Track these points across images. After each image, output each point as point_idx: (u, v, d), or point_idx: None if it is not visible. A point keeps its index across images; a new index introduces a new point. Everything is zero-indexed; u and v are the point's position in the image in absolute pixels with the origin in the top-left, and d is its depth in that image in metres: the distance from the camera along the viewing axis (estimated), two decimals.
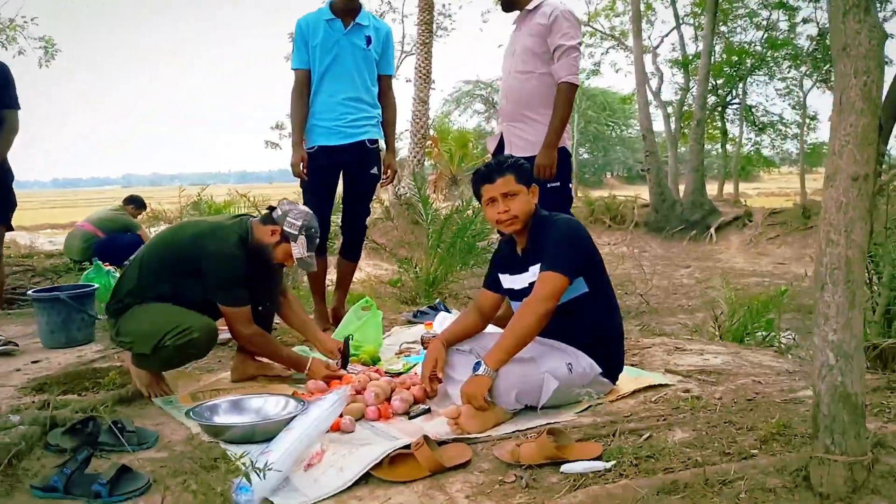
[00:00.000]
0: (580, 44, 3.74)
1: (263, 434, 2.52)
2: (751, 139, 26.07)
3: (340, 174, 4.13)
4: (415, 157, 14.00)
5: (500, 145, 3.86)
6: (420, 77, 14.09)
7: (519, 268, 2.86)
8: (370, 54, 4.03)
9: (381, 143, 4.21)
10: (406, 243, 8.23)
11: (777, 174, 31.98)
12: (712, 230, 17.20)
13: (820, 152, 26.87)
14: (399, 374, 3.26)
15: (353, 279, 4.70)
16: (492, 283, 3.03)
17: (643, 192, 19.20)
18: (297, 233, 3.08)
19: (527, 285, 2.79)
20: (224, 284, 2.99)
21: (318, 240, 3.18)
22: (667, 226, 17.41)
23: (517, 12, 3.85)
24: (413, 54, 23.10)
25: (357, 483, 2.19)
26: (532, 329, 2.59)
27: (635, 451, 2.22)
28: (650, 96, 21.11)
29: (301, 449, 2.29)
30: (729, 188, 24.41)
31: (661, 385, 2.93)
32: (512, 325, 2.62)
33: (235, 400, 2.78)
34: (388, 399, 2.84)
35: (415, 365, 3.37)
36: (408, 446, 2.29)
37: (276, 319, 3.57)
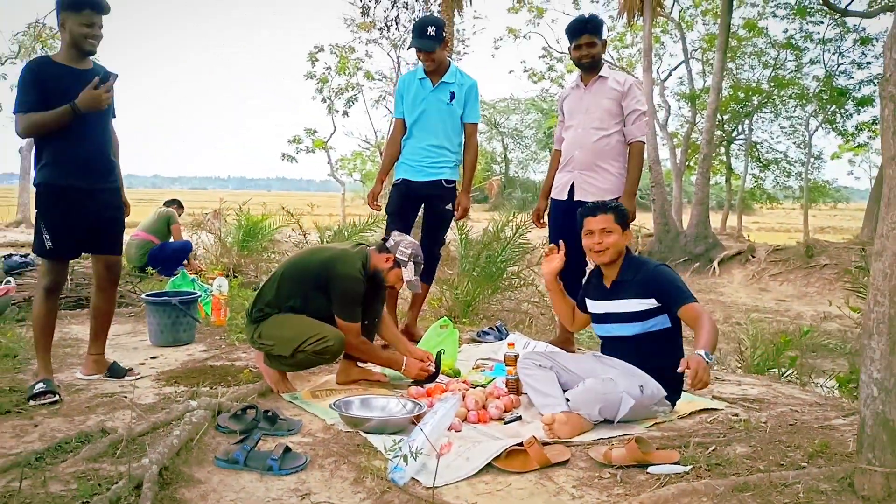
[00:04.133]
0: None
1: (394, 427, 3.09)
2: (754, 174, 26.87)
3: (421, 206, 4.77)
4: None
5: (570, 191, 4.46)
6: None
7: (604, 295, 3.47)
8: (454, 108, 4.70)
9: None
10: (440, 266, 8.81)
11: (774, 209, 32.83)
12: (715, 263, 17.66)
13: (822, 190, 27.68)
14: (483, 385, 3.83)
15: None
16: (581, 304, 3.70)
17: (645, 221, 19.72)
18: (407, 259, 3.68)
19: (610, 311, 3.42)
20: (346, 302, 3.57)
21: (422, 266, 3.77)
22: (670, 256, 17.86)
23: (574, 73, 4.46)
24: None
25: (480, 471, 2.76)
26: (716, 326, 3.17)
27: (706, 459, 2.80)
28: (657, 128, 21.92)
29: (435, 440, 2.86)
30: (731, 222, 25.12)
31: (712, 409, 3.52)
32: (707, 324, 3.12)
33: (364, 398, 3.35)
34: (485, 406, 3.40)
35: (493, 379, 3.93)
36: (520, 444, 2.86)
37: None
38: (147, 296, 4.73)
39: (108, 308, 3.86)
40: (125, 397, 3.49)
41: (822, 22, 21.51)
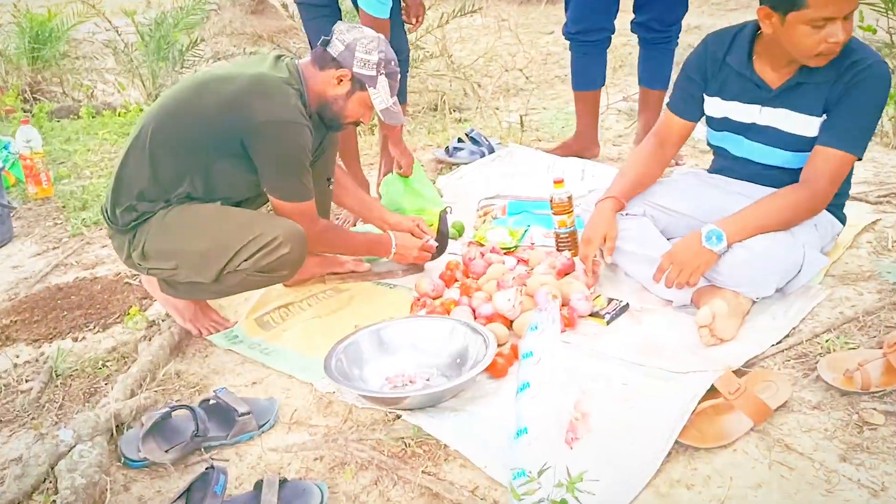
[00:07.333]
0: None
1: (452, 393, 1.74)
2: None
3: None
4: None
5: None
6: None
7: (760, 98, 2.02)
8: None
9: None
10: None
11: None
12: None
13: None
14: (514, 246, 2.48)
15: None
16: (686, 104, 2.19)
17: None
18: (374, 73, 2.08)
19: (770, 125, 2.02)
20: (287, 169, 2.00)
21: (399, 76, 2.19)
22: None
23: None
24: None
25: None
26: (803, 218, 1.95)
27: None
28: None
29: (553, 415, 1.54)
30: None
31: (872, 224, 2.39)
32: (778, 202, 1.93)
33: (374, 330, 1.91)
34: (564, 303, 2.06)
35: (525, 231, 2.58)
36: (711, 387, 1.61)
37: None
38: None
39: None
40: None
41: None
